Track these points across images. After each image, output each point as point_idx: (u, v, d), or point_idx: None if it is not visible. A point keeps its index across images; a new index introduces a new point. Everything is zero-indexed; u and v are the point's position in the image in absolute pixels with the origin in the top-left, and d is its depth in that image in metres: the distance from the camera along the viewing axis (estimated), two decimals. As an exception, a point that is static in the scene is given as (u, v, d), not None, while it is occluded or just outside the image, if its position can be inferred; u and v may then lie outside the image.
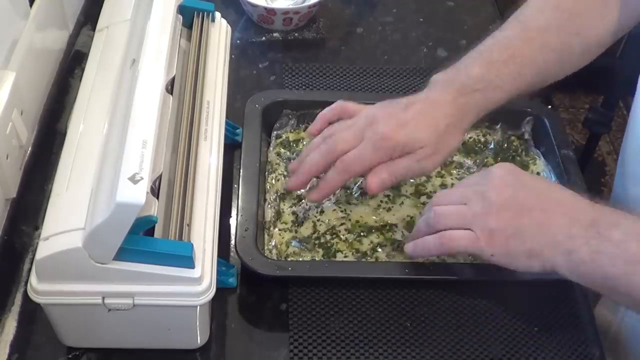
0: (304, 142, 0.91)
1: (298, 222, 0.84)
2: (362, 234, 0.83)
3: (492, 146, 0.94)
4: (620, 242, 0.66)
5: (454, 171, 0.91)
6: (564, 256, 0.69)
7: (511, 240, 0.71)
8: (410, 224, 0.84)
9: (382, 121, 0.79)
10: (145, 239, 0.63)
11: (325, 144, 0.81)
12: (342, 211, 0.85)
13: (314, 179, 0.84)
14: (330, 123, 0.85)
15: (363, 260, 0.81)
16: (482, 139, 0.94)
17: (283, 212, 0.85)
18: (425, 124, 0.79)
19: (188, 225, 0.66)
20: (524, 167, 0.92)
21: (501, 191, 0.72)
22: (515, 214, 0.71)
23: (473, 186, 0.75)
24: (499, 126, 0.95)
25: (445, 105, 0.80)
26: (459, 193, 0.76)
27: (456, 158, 0.92)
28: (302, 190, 0.86)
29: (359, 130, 0.80)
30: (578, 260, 0.68)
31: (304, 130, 0.93)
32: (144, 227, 0.63)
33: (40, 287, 0.64)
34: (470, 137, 0.94)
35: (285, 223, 0.84)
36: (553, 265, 0.70)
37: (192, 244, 0.64)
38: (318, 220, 0.84)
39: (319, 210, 0.85)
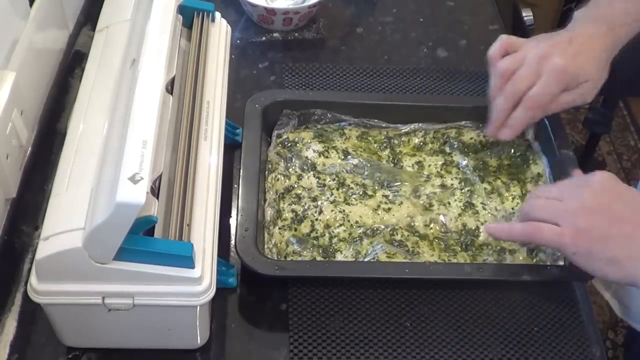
0: (305, 142, 0.91)
1: (297, 220, 0.84)
2: (361, 234, 0.83)
3: (492, 146, 0.94)
4: None
5: (454, 170, 0.91)
6: None
7: (596, 244, 0.72)
8: (410, 224, 0.84)
9: (556, 54, 0.84)
10: (145, 239, 0.63)
11: (509, 85, 0.86)
12: (340, 211, 0.85)
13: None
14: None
15: (363, 260, 0.81)
16: (483, 139, 0.94)
17: (283, 210, 0.85)
18: (591, 56, 0.85)
19: (188, 225, 0.66)
20: (525, 167, 0.92)
21: (597, 195, 0.74)
22: (606, 221, 0.72)
23: (572, 184, 0.79)
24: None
25: (601, 38, 0.85)
26: (557, 188, 0.79)
27: (456, 158, 0.92)
28: (302, 189, 0.86)
29: (534, 65, 0.84)
30: None
31: (304, 130, 0.93)
32: (144, 227, 0.63)
33: (40, 287, 0.64)
34: (470, 137, 0.94)
35: (285, 220, 0.84)
36: (634, 277, 0.71)
37: (192, 244, 0.64)
38: (317, 219, 0.84)
39: (318, 209, 0.85)
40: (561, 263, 0.80)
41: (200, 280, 0.65)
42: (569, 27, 0.88)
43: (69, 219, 0.63)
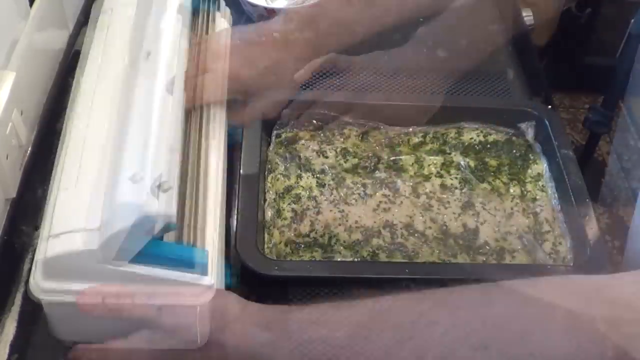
0: (304, 142, 0.91)
1: (297, 219, 0.84)
2: (360, 234, 0.83)
3: (492, 146, 0.94)
4: None
5: (453, 171, 0.91)
6: None
7: None
8: (409, 224, 0.85)
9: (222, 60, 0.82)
10: (162, 244, 0.63)
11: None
12: (340, 211, 0.85)
13: None
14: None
15: (363, 260, 0.81)
16: (482, 139, 0.94)
17: (283, 210, 0.85)
18: (262, 66, 0.85)
19: (188, 225, 0.66)
20: (525, 167, 0.92)
21: None
22: None
23: None
24: (499, 127, 0.95)
25: (299, 46, 0.86)
26: None
27: (456, 158, 0.92)
28: (302, 189, 0.86)
29: (203, 62, 0.81)
30: None
31: (304, 130, 0.93)
32: (162, 233, 0.63)
33: (46, 284, 0.64)
34: (470, 137, 0.94)
35: (285, 220, 0.84)
36: None
37: (207, 251, 0.64)
38: (316, 219, 0.84)
39: (317, 210, 0.85)
40: (561, 263, 0.81)
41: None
42: (273, 22, 0.89)
43: (83, 217, 0.62)
